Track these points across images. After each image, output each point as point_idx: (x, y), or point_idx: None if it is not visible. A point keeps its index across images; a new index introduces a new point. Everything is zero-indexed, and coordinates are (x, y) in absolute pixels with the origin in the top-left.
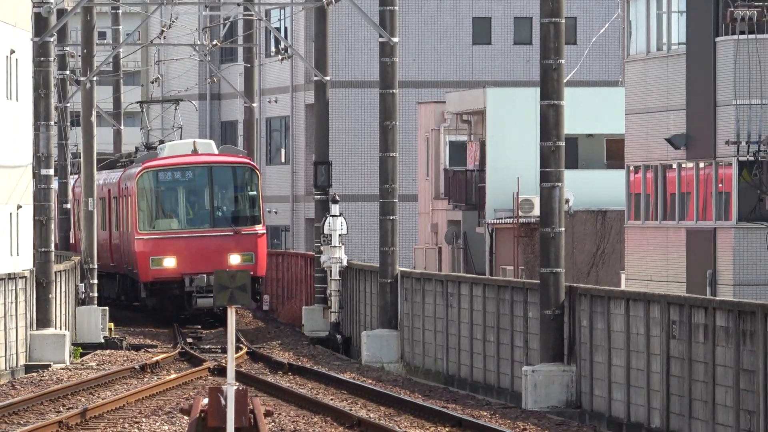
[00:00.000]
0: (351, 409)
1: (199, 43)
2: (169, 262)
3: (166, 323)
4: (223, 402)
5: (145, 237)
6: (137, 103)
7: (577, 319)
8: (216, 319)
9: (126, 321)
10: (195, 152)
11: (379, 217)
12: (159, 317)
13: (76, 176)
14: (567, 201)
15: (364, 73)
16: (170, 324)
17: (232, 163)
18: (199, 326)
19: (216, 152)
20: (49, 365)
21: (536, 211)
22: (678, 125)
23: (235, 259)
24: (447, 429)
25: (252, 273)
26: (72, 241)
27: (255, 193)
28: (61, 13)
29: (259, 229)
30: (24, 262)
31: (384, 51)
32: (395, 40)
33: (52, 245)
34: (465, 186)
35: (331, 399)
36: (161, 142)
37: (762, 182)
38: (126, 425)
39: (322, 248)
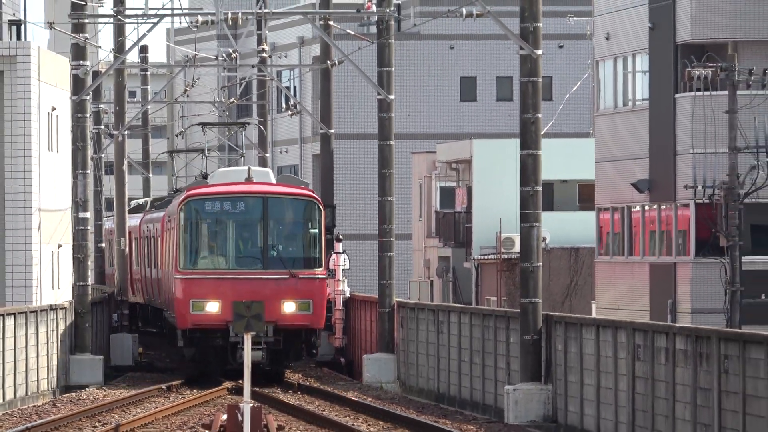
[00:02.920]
0: (353, 424)
1: (218, 100)
2: (213, 307)
3: (205, 378)
4: (240, 418)
5: (187, 276)
6: (199, 124)
7: (552, 344)
8: (263, 374)
9: (154, 345)
10: (249, 180)
11: (378, 254)
12: (199, 370)
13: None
14: (544, 239)
15: (364, 126)
16: (210, 378)
17: (292, 194)
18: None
19: (273, 182)
20: (87, 386)
21: (517, 248)
22: (642, 171)
23: (289, 307)
24: None
25: (308, 324)
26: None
27: (316, 231)
28: (96, 74)
29: (320, 272)
30: (64, 294)
31: (382, 107)
32: (392, 97)
33: (89, 280)
34: (453, 226)
35: (336, 415)
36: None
37: (716, 222)
38: None
39: (327, 282)
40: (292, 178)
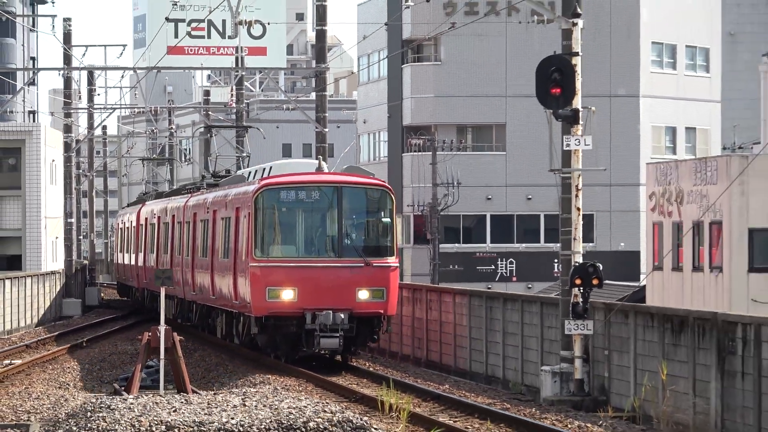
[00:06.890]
0: (227, 345)
1: (147, 156)
2: (288, 295)
3: (273, 365)
4: (159, 334)
5: (262, 264)
6: (205, 127)
7: None
8: (328, 361)
9: (115, 301)
10: (320, 170)
11: None
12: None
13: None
14: None
15: (232, 171)
16: (283, 365)
17: (365, 184)
18: (315, 363)
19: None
20: (72, 316)
21: None
22: None
23: (363, 295)
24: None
25: (382, 312)
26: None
27: (389, 220)
28: (77, 141)
29: (392, 261)
30: (59, 265)
31: (239, 162)
32: (246, 153)
33: (74, 257)
34: None
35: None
36: (228, 171)
37: (425, 225)
38: (109, 345)
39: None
40: (358, 168)
